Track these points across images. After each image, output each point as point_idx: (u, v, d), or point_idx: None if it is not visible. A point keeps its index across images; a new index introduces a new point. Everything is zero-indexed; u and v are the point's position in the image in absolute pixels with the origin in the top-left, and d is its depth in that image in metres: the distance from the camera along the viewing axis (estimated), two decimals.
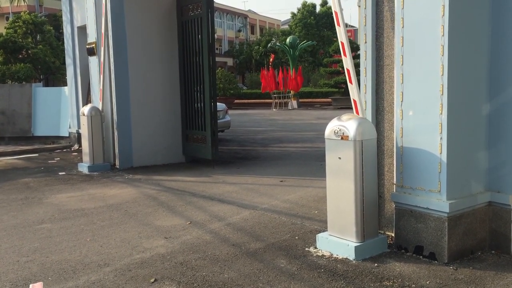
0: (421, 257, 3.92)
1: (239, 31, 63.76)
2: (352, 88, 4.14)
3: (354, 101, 4.15)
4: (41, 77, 28.54)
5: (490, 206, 4.05)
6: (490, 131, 4.00)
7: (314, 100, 31.75)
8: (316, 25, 47.81)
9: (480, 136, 3.99)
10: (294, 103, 28.24)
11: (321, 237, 4.18)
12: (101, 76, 8.46)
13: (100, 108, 8.61)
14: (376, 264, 3.79)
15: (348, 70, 4.16)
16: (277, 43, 41.24)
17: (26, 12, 29.20)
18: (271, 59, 34.62)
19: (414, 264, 3.79)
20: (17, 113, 12.74)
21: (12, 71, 24.03)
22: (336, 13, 4.21)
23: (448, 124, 3.70)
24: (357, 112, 4.13)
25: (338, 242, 4.00)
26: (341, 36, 4.19)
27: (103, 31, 8.45)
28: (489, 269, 3.67)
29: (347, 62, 4.17)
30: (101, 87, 8.48)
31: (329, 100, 29.50)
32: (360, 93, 4.35)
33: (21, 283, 3.64)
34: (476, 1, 3.84)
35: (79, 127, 10.65)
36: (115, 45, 8.41)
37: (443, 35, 3.65)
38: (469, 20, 3.81)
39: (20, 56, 26.89)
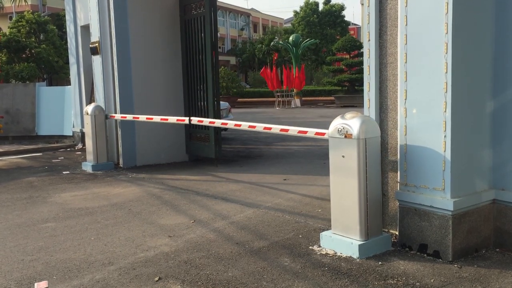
0: (425, 255, 3.91)
1: (242, 29, 63.73)
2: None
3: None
4: (45, 76, 28.62)
5: (494, 204, 4.04)
6: (495, 129, 3.99)
7: (317, 98, 31.73)
8: (319, 23, 47.75)
9: (484, 134, 3.98)
10: (297, 101, 28.23)
11: (324, 236, 4.18)
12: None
13: (104, 107, 8.63)
14: (380, 262, 3.79)
15: None
16: (280, 42, 41.20)
17: (29, 12, 29.29)
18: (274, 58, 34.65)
19: (418, 262, 3.78)
20: (21, 113, 12.78)
21: (15, 71, 24.12)
22: None
23: (452, 121, 3.69)
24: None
25: (342, 240, 4.00)
26: None
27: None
28: (493, 267, 3.66)
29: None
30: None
31: (332, 98, 29.48)
32: (364, 91, 4.36)
33: (26, 282, 3.66)
34: None
35: (82, 126, 10.68)
36: (118, 43, 8.43)
37: (446, 33, 3.64)
38: (473, 17, 3.80)
39: (24, 55, 26.98)
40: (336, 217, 4.09)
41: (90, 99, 10.87)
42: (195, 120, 7.18)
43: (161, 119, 7.47)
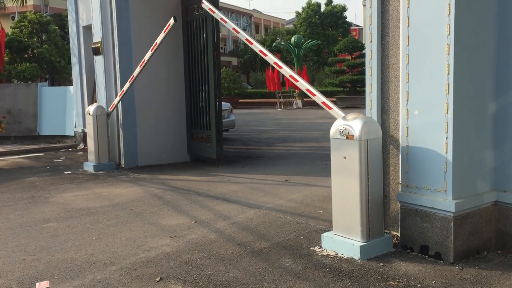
0: (426, 256, 3.91)
1: (244, 30, 63.53)
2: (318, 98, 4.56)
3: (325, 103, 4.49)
4: (47, 76, 28.65)
5: (496, 206, 4.04)
6: (496, 130, 3.99)
7: None
8: (321, 24, 47.69)
9: (486, 135, 3.97)
10: (298, 102, 28.21)
11: (326, 237, 4.17)
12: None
13: (106, 108, 8.64)
14: (381, 264, 3.79)
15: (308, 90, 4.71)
16: (282, 43, 41.18)
17: (32, 12, 29.32)
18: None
19: (419, 264, 3.78)
20: (23, 113, 12.80)
21: (17, 71, 24.12)
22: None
23: (454, 123, 3.68)
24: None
25: (343, 241, 4.00)
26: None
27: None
28: (495, 269, 3.66)
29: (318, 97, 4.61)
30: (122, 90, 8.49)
31: (333, 99, 29.44)
32: (366, 93, 4.35)
33: (28, 282, 3.66)
34: (482, 0, 3.83)
35: (84, 126, 10.70)
36: (120, 44, 8.44)
37: (449, 34, 3.64)
38: (475, 18, 3.80)
39: (26, 55, 26.98)
40: (338, 218, 4.09)
41: (92, 99, 10.89)
42: None
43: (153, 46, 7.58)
